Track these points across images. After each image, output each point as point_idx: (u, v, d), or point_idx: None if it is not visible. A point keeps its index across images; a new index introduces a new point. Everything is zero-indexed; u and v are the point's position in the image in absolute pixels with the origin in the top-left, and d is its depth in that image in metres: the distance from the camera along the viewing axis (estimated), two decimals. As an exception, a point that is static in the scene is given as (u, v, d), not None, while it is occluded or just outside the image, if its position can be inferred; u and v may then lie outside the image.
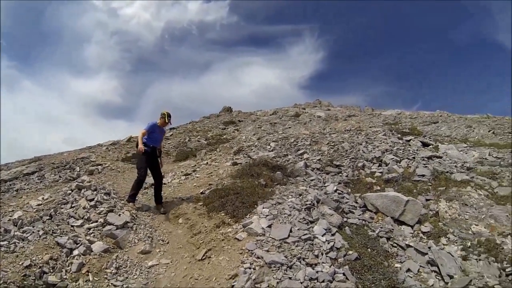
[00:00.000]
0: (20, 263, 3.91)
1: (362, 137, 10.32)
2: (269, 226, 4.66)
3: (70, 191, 5.82)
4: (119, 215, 5.32)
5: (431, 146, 9.75)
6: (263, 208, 5.17)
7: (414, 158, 8.46)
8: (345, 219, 5.48)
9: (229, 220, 5.13)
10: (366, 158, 8.56)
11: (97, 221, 5.09)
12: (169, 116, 6.31)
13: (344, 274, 3.84)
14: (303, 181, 7.00)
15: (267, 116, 20.11)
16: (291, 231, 4.53)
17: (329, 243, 4.39)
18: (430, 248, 4.80)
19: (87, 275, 4.07)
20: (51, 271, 3.98)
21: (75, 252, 4.35)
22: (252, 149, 9.91)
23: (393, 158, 8.30)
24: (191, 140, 14.15)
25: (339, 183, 7.09)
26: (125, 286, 4.06)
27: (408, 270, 4.41)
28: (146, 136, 6.11)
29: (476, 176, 7.17)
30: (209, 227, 5.09)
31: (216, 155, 10.26)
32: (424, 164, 7.99)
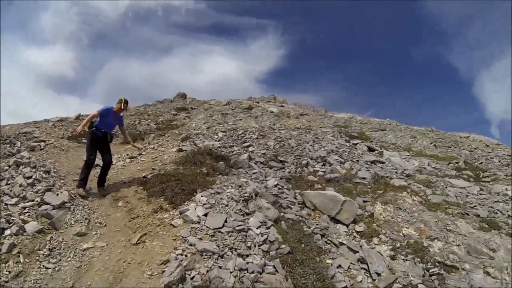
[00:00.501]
0: None
1: (310, 136, 10.46)
2: (205, 215, 4.58)
3: (7, 167, 5.40)
4: (57, 194, 5.00)
5: (376, 152, 10.15)
6: (202, 196, 5.09)
7: (358, 161, 8.70)
8: (282, 214, 5.47)
9: (167, 206, 5.05)
10: (311, 156, 8.64)
11: (33, 200, 4.75)
12: (126, 102, 6.12)
13: (274, 267, 3.83)
14: (245, 173, 6.98)
15: (220, 106, 19.80)
16: (226, 221, 4.47)
17: (262, 236, 4.36)
18: (361, 246, 4.96)
19: (18, 256, 3.82)
20: (-21, 252, 3.69)
21: (7, 232, 4.05)
22: (199, 137, 9.77)
23: (337, 159, 8.45)
24: (141, 123, 13.87)
25: (280, 178, 7.08)
26: (57, 268, 3.86)
27: (339, 267, 4.53)
28: (98, 120, 5.88)
29: (413, 183, 7.57)
30: (147, 212, 4.99)
31: (163, 140, 10.20)
32: (367, 168, 8.24)
